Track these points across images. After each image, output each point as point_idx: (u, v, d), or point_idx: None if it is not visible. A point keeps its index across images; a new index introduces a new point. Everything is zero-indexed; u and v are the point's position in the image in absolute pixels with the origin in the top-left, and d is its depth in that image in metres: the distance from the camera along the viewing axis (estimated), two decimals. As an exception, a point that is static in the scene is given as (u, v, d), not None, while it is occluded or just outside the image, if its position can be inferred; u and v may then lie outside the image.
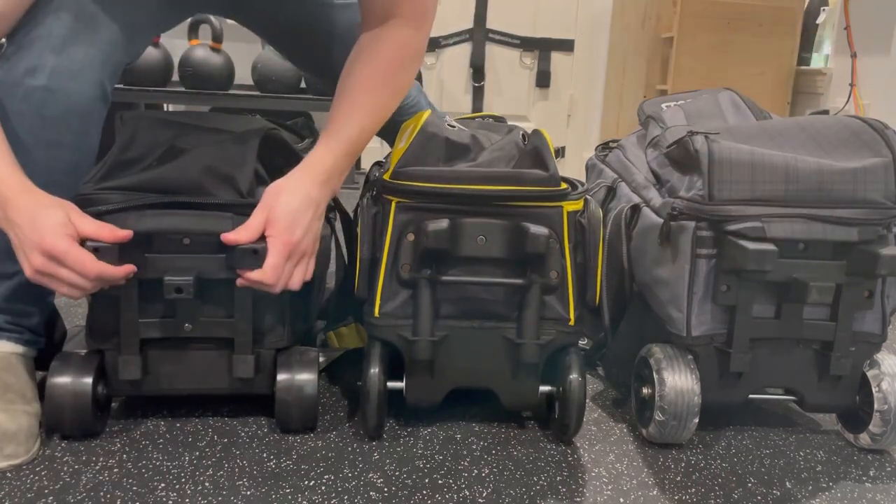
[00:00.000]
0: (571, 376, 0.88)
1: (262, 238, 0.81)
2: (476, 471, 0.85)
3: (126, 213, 0.81)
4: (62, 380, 0.84)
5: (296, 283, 0.84)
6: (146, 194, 0.83)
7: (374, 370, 0.86)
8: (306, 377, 0.88)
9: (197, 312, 0.86)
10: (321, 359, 0.99)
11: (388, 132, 1.08)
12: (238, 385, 0.89)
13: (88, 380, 0.84)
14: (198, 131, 0.92)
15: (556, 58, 3.15)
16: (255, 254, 0.80)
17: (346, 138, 0.87)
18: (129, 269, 0.79)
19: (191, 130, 0.92)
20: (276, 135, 0.91)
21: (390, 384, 0.89)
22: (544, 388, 0.91)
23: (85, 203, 0.81)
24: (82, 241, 0.77)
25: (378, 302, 0.87)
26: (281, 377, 0.88)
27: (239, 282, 0.82)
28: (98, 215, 0.80)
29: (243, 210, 0.83)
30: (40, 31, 0.84)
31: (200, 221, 0.83)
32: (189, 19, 2.50)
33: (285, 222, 0.81)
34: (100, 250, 0.77)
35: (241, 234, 0.80)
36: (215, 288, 0.85)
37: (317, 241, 0.86)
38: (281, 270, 0.81)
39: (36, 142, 0.84)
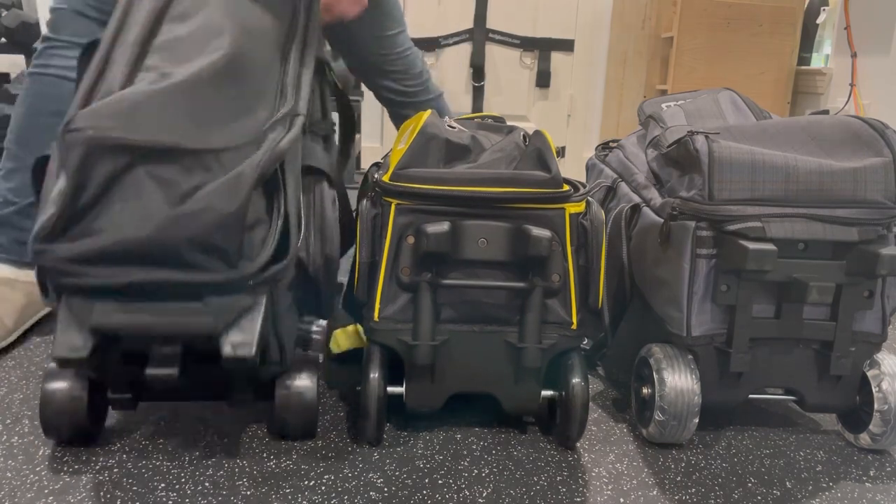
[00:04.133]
0: (574, 381, 0.87)
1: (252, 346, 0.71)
2: (476, 471, 0.85)
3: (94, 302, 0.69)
4: (57, 385, 0.82)
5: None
6: (125, 269, 0.68)
7: (374, 375, 0.86)
8: (305, 384, 0.86)
9: (188, 374, 0.74)
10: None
11: (371, 75, 1.45)
12: (237, 397, 0.84)
13: (84, 385, 0.82)
14: (170, 157, 0.70)
15: (556, 58, 3.15)
16: (242, 362, 0.70)
17: None
18: None
19: (159, 156, 0.70)
20: (282, 153, 0.76)
21: (390, 389, 0.89)
22: (546, 393, 0.91)
23: (57, 275, 0.68)
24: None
25: (378, 306, 0.87)
26: (279, 383, 0.85)
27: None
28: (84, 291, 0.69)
29: (234, 287, 0.71)
30: (57, 35, 1.16)
31: (173, 321, 0.70)
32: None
33: None
34: (64, 361, 0.68)
35: None
36: (206, 357, 0.74)
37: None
38: None
39: (42, 111, 1.15)
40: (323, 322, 1.08)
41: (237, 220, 0.70)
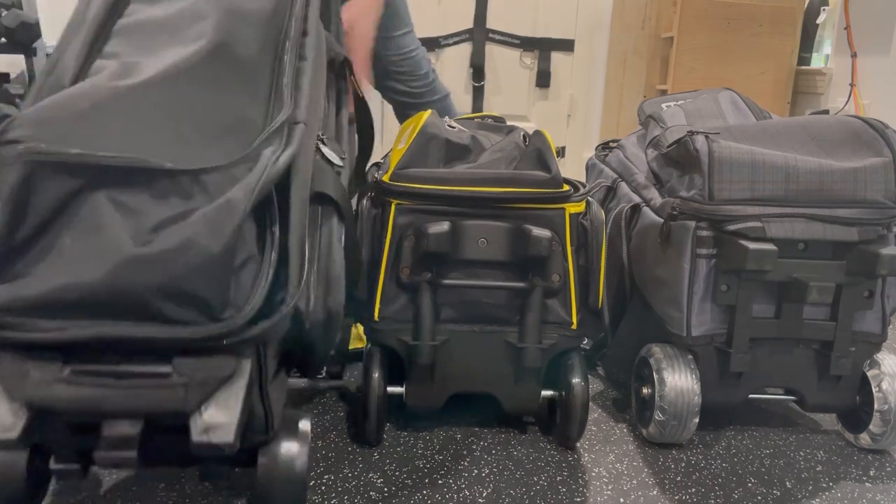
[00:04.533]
0: (574, 381, 0.87)
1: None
2: (476, 471, 0.85)
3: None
4: None
5: None
6: (72, 322, 0.53)
7: (375, 375, 0.86)
8: (294, 451, 0.67)
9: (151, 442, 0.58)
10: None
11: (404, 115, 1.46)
12: (212, 469, 0.68)
13: (23, 453, 0.66)
14: (138, 180, 0.55)
15: (556, 58, 3.14)
16: (216, 449, 0.55)
17: None
18: None
19: (124, 178, 0.55)
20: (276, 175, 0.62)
21: (390, 389, 0.89)
22: (546, 393, 0.91)
23: None
24: None
25: (378, 306, 0.87)
26: (262, 450, 0.67)
27: None
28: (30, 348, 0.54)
29: (214, 347, 0.55)
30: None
31: (131, 395, 0.54)
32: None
33: None
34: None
35: None
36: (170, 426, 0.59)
37: None
38: None
39: None
40: None
41: (223, 263, 0.54)
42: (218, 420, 0.54)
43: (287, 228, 0.60)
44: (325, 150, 0.72)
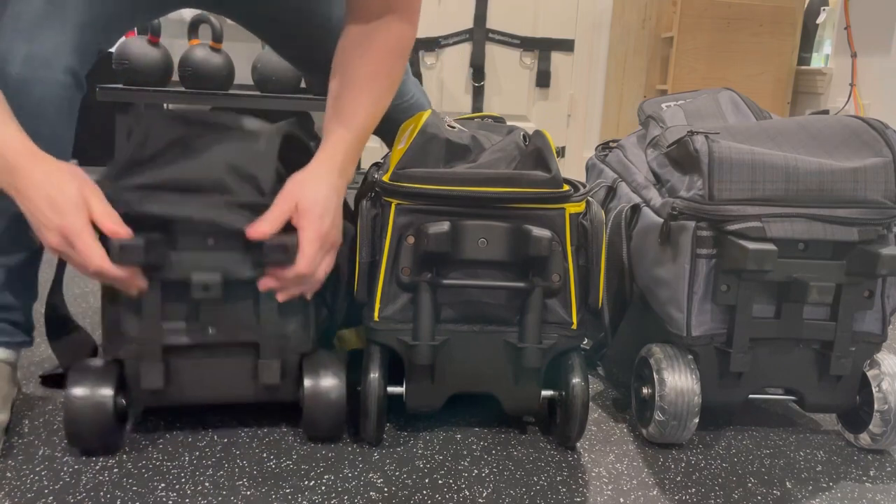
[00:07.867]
0: (574, 381, 0.87)
1: (289, 231, 0.80)
2: (476, 471, 0.85)
3: (146, 200, 0.79)
4: (80, 391, 0.80)
5: (322, 275, 0.84)
6: (167, 193, 0.80)
7: (374, 375, 0.86)
8: (333, 383, 0.86)
9: (221, 315, 0.83)
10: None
11: (387, 132, 1.08)
12: (263, 393, 0.87)
13: (109, 391, 0.81)
14: (216, 129, 0.88)
15: (556, 58, 3.14)
16: (284, 250, 0.79)
17: (355, 127, 0.89)
18: (131, 278, 0.77)
19: (208, 128, 0.88)
20: (295, 133, 0.90)
21: (390, 389, 0.89)
22: (546, 393, 0.91)
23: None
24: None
25: (378, 306, 0.87)
26: (308, 383, 0.86)
27: (264, 282, 0.81)
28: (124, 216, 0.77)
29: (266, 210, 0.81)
30: (9, 14, 0.82)
31: (225, 214, 0.80)
32: (189, 19, 2.50)
33: (317, 211, 0.81)
34: (124, 248, 0.75)
35: (264, 226, 0.79)
36: (240, 290, 0.83)
37: (340, 232, 0.86)
38: (316, 261, 0.82)
39: None
40: None
41: (266, 154, 0.85)
42: (280, 238, 0.79)
43: None
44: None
